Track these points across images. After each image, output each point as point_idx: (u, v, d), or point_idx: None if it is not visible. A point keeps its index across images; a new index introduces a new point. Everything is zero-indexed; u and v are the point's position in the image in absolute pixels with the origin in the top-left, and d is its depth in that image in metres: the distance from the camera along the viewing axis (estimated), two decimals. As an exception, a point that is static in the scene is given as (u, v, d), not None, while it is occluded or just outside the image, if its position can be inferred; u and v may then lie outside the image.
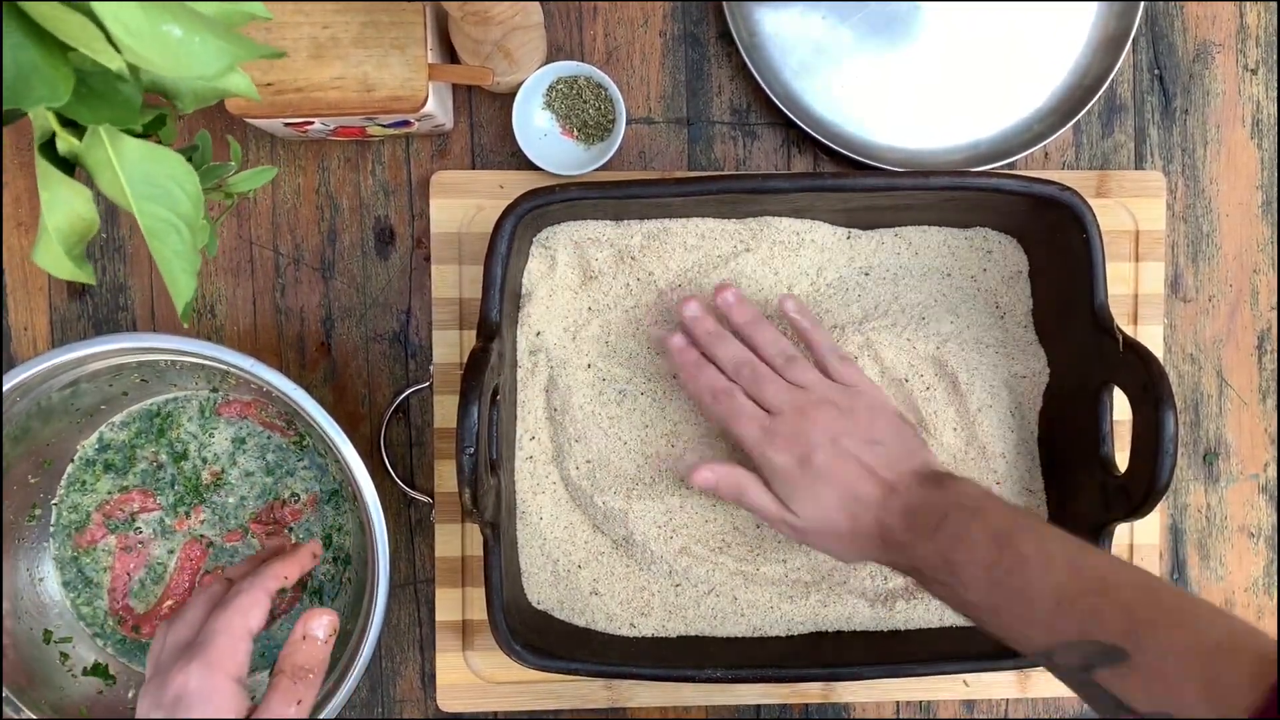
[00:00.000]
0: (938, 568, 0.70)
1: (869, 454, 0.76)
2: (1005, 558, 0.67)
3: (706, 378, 0.81)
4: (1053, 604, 0.64)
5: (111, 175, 0.47)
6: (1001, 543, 0.68)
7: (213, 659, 0.65)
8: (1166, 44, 0.96)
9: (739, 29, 0.90)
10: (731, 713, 0.94)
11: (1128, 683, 0.60)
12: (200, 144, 0.63)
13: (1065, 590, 0.64)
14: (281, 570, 0.72)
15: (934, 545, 0.70)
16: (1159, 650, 0.59)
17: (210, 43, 0.42)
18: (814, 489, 0.76)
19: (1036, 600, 0.65)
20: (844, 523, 0.76)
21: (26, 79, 0.42)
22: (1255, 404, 0.97)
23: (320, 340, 0.93)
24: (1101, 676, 0.61)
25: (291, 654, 0.69)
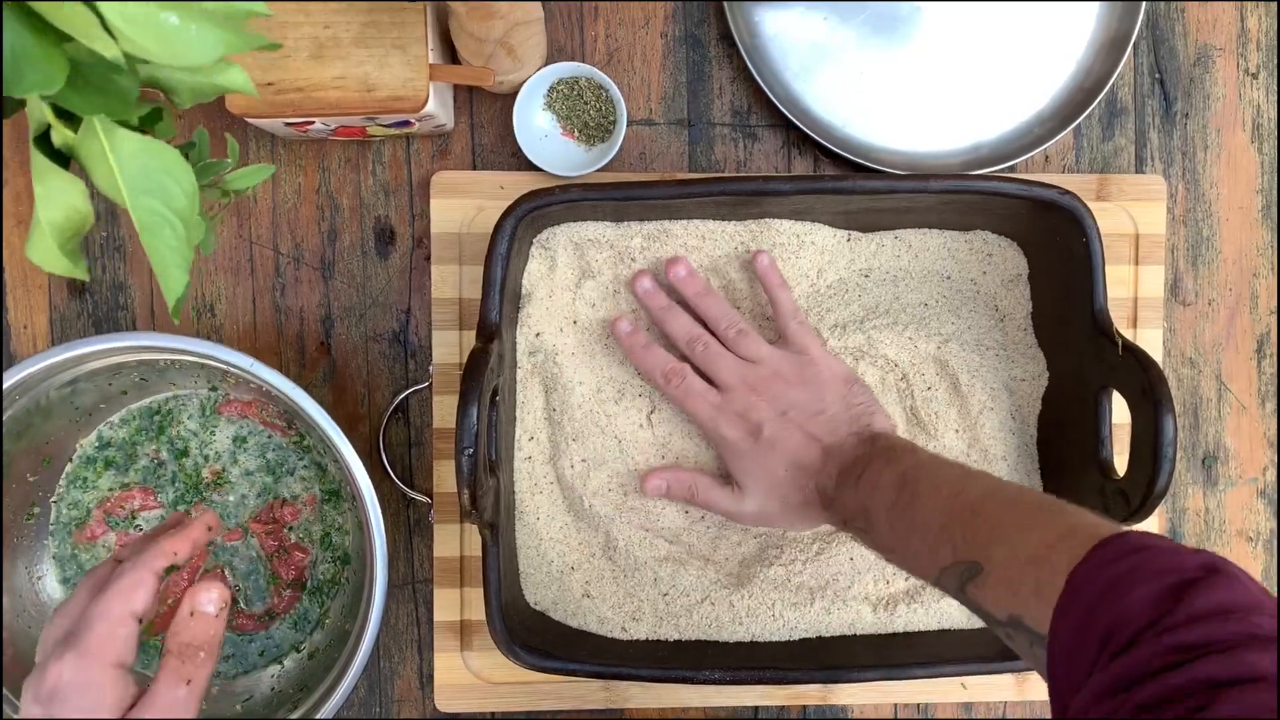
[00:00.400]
0: (856, 514, 0.74)
1: (814, 423, 0.79)
2: (903, 496, 0.70)
3: (656, 358, 0.83)
4: (937, 532, 0.67)
5: (106, 168, 0.47)
6: (902, 483, 0.70)
7: (90, 647, 0.60)
8: (1167, 47, 0.96)
9: (740, 30, 0.90)
10: (729, 714, 0.94)
11: (985, 593, 0.62)
12: (198, 141, 0.63)
13: (945, 518, 0.67)
14: (170, 546, 0.66)
15: (854, 494, 0.74)
16: (1004, 558, 0.61)
17: (207, 31, 0.42)
18: (764, 461, 0.80)
19: (925, 531, 0.68)
20: (793, 493, 0.79)
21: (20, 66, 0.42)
22: (1254, 408, 0.97)
23: (320, 340, 0.93)
24: (970, 592, 0.64)
25: (179, 631, 0.63)
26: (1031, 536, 0.60)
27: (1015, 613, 0.59)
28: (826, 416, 0.80)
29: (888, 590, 0.87)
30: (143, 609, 0.62)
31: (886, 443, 0.77)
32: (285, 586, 0.91)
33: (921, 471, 0.71)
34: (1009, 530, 0.62)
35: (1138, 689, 0.47)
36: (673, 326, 0.83)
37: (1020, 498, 0.66)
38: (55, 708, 0.59)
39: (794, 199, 0.82)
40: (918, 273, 0.88)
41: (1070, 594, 0.54)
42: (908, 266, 0.88)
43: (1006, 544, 0.62)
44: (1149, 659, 0.48)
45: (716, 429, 0.81)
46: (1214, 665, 0.45)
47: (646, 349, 0.83)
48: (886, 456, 0.74)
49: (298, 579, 0.91)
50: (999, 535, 0.63)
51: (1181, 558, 0.53)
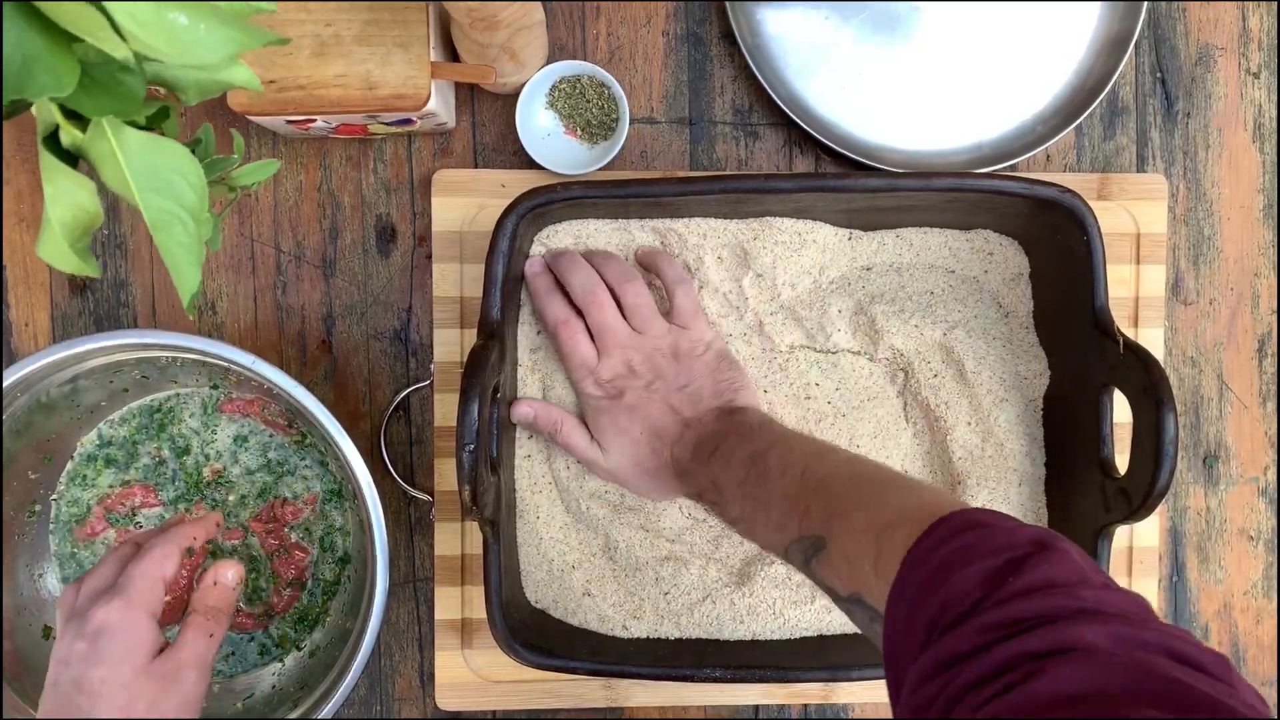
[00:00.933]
0: (708, 488, 0.76)
1: (677, 396, 0.82)
2: (753, 472, 0.71)
3: (555, 306, 0.84)
4: (785, 507, 0.68)
5: (115, 167, 0.47)
6: (754, 459, 0.72)
7: (132, 597, 0.69)
8: (1169, 47, 0.96)
9: (742, 29, 0.90)
10: (730, 713, 0.94)
11: (828, 569, 0.63)
12: (203, 137, 0.63)
13: (792, 493, 0.68)
14: (191, 531, 0.75)
15: (707, 468, 0.76)
16: (846, 534, 0.62)
17: (216, 30, 0.42)
18: (620, 424, 0.82)
19: (773, 506, 0.69)
20: (648, 458, 0.82)
21: (30, 69, 0.42)
22: (1255, 407, 0.97)
23: (321, 338, 0.93)
24: (814, 567, 0.65)
25: (204, 596, 0.74)
26: (874, 513, 0.61)
27: (855, 590, 0.60)
28: (690, 390, 0.82)
29: None
30: (171, 575, 0.72)
31: (744, 418, 0.79)
32: (285, 585, 0.91)
33: (773, 447, 0.72)
34: (852, 506, 0.63)
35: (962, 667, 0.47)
36: (575, 277, 0.83)
37: (867, 473, 0.67)
38: (103, 643, 0.68)
39: (795, 197, 0.82)
40: (920, 268, 0.88)
41: (905, 572, 0.55)
42: (909, 264, 0.88)
43: (849, 520, 0.62)
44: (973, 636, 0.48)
45: (582, 384, 0.83)
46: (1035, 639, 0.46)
47: (549, 293, 0.84)
48: (742, 431, 0.76)
49: (298, 578, 0.91)
50: (843, 511, 0.63)
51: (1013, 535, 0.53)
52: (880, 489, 0.64)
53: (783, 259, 0.86)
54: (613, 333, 0.82)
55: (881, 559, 0.57)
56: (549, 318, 0.83)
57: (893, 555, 0.56)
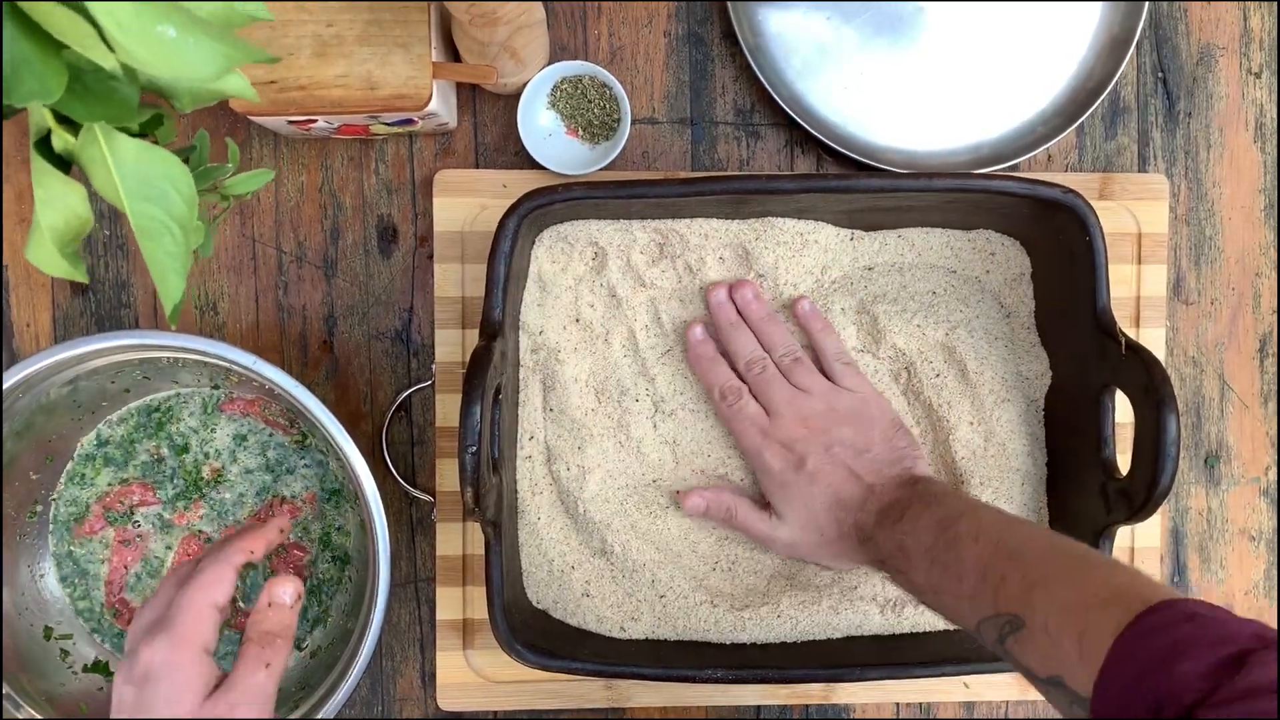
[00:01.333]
0: (893, 554, 0.74)
1: (857, 461, 0.80)
2: (943, 539, 0.70)
3: (718, 375, 0.84)
4: (977, 579, 0.66)
5: (106, 174, 0.47)
6: (943, 526, 0.70)
7: (177, 633, 0.66)
8: (1170, 47, 0.96)
9: (743, 29, 0.90)
10: (731, 713, 0.94)
11: (1026, 648, 0.62)
12: (198, 145, 0.63)
13: (985, 564, 0.66)
14: (246, 544, 0.73)
15: (892, 534, 0.74)
16: (1046, 611, 0.61)
17: (205, 45, 0.42)
18: (804, 493, 0.81)
19: (965, 576, 0.67)
20: (830, 526, 0.80)
21: (19, 74, 0.42)
22: (1257, 407, 0.97)
23: (322, 338, 0.93)
24: (1010, 646, 0.63)
25: (259, 621, 0.70)
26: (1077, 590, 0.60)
27: (1056, 673, 0.59)
28: (871, 456, 0.81)
29: (896, 591, 0.87)
30: (223, 600, 0.69)
31: (928, 487, 0.77)
32: (285, 585, 0.91)
33: (963, 516, 0.71)
34: (1050, 581, 0.62)
35: None
36: (737, 344, 0.84)
37: (1065, 547, 0.66)
38: (149, 688, 0.65)
39: (797, 198, 0.82)
40: (922, 268, 0.88)
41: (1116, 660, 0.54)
42: (911, 264, 0.88)
43: (1049, 594, 0.61)
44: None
45: (761, 456, 0.82)
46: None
47: (713, 361, 0.85)
48: (927, 500, 0.74)
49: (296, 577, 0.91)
50: (1040, 585, 0.62)
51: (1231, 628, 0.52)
52: (1080, 564, 0.63)
53: (785, 259, 0.86)
54: (782, 395, 0.82)
55: (1086, 644, 0.56)
56: (716, 385, 0.84)
57: (1098, 640, 0.55)
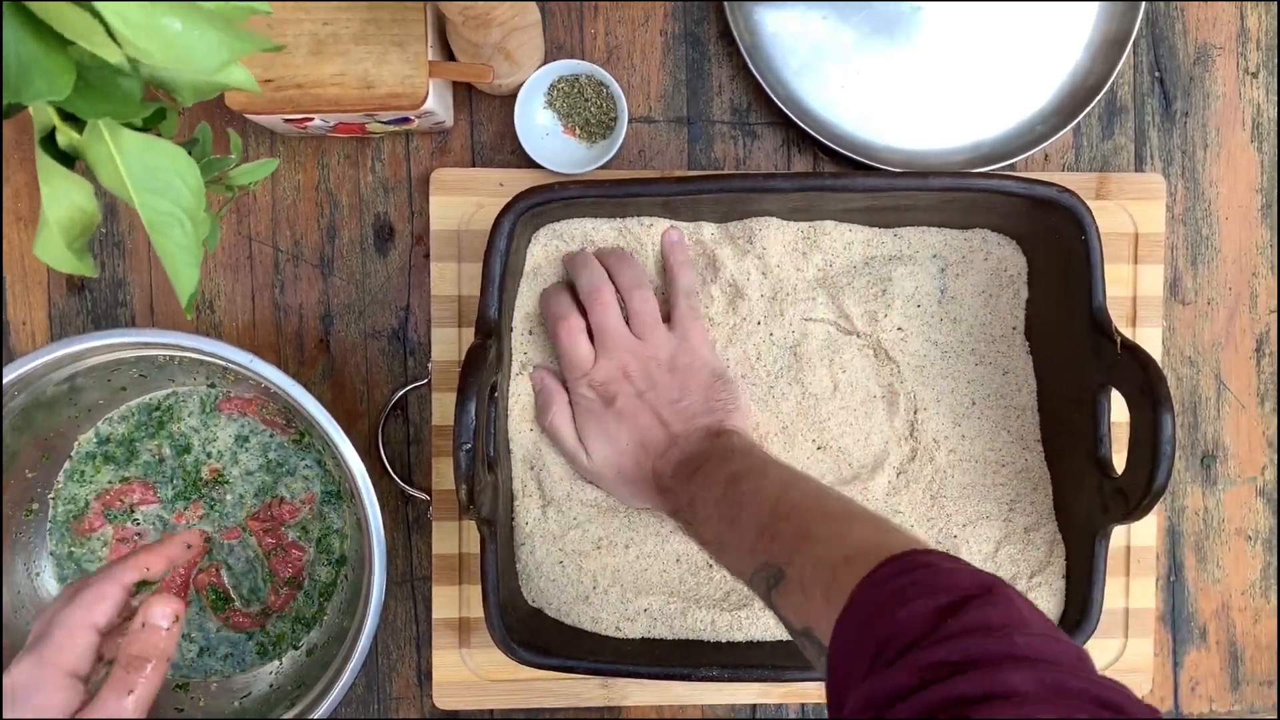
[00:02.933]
0: (685, 507, 0.76)
1: (668, 409, 0.81)
2: (729, 495, 0.71)
3: (556, 300, 0.84)
4: (754, 534, 0.68)
5: (112, 169, 0.47)
6: (730, 482, 0.72)
7: (45, 654, 0.63)
8: (1167, 46, 0.96)
9: (740, 28, 0.90)
10: (727, 712, 0.94)
11: (785, 601, 0.63)
12: (201, 137, 0.63)
13: (762, 520, 0.68)
14: (143, 560, 0.68)
15: (686, 488, 0.76)
16: (803, 564, 0.62)
17: (210, 36, 0.42)
18: (608, 430, 0.82)
19: (744, 532, 0.69)
20: (630, 466, 0.82)
21: (27, 72, 0.42)
22: (1253, 407, 0.97)
23: (319, 337, 0.93)
24: (774, 599, 0.65)
25: (129, 643, 0.64)
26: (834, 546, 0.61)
27: (807, 623, 0.60)
28: (683, 405, 0.82)
29: None
30: (104, 620, 0.65)
31: (728, 441, 0.78)
32: (282, 584, 0.91)
33: (750, 473, 0.72)
34: (813, 538, 0.63)
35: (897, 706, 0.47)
36: (583, 276, 0.84)
37: (835, 508, 0.67)
38: (8, 707, 0.61)
39: (793, 196, 0.82)
40: (918, 267, 0.88)
41: (851, 607, 0.55)
42: (907, 263, 0.88)
43: (808, 553, 0.62)
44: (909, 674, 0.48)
45: (577, 385, 0.83)
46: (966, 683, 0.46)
47: (557, 288, 0.85)
48: (724, 454, 0.76)
49: (294, 577, 0.91)
50: (803, 543, 0.63)
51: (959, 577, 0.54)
52: (844, 523, 0.64)
53: (779, 257, 0.86)
54: (612, 335, 0.82)
55: (834, 591, 0.57)
56: (551, 312, 0.83)
57: (843, 588, 0.56)
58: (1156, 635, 0.96)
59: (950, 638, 0.49)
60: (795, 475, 0.73)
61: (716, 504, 0.72)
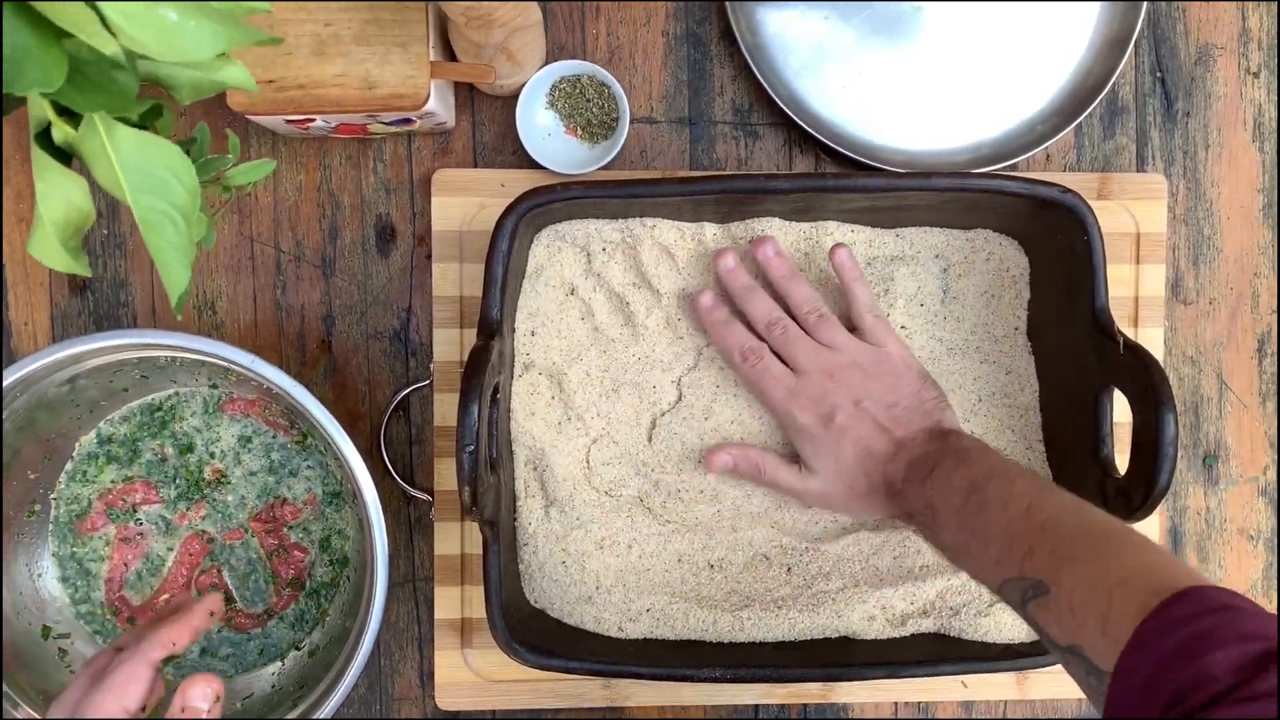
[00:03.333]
0: (922, 511, 0.75)
1: (886, 414, 0.80)
2: (973, 501, 0.70)
3: (735, 336, 0.83)
4: (1005, 543, 0.67)
5: (107, 165, 0.47)
6: (973, 487, 0.71)
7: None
8: (1168, 46, 0.96)
9: (741, 29, 0.90)
10: (730, 712, 0.94)
11: (1048, 615, 0.62)
12: (198, 137, 0.63)
13: (1014, 530, 0.67)
14: (169, 636, 0.66)
15: (922, 490, 0.74)
16: (1073, 584, 0.61)
17: (205, 27, 0.42)
18: (834, 447, 0.81)
19: (992, 540, 0.68)
20: (860, 479, 0.80)
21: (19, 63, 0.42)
22: (1255, 407, 0.97)
23: (321, 338, 0.93)
24: (1032, 610, 0.64)
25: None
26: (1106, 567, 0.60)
27: (1076, 642, 0.59)
28: (900, 409, 0.80)
29: (902, 604, 0.87)
30: (136, 705, 0.63)
31: (959, 442, 0.77)
32: (284, 585, 0.91)
33: (994, 478, 0.71)
34: (1081, 555, 0.62)
35: None
36: (754, 307, 0.83)
37: (1096, 523, 0.66)
38: None
39: (796, 197, 0.82)
40: (920, 267, 0.88)
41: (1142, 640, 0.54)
42: (909, 263, 0.88)
43: (1076, 570, 0.61)
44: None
45: (790, 412, 0.82)
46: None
47: (727, 325, 0.84)
48: (959, 456, 0.74)
49: (297, 578, 0.91)
50: (1068, 558, 0.62)
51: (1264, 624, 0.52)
52: (1111, 542, 0.63)
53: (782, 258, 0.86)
54: (805, 353, 0.81)
55: (1111, 617, 0.56)
56: (732, 349, 0.83)
57: (1125, 616, 0.55)
58: (1159, 635, 0.96)
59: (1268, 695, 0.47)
60: (1043, 482, 0.72)
61: (958, 510, 0.71)
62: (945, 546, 0.74)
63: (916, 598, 0.86)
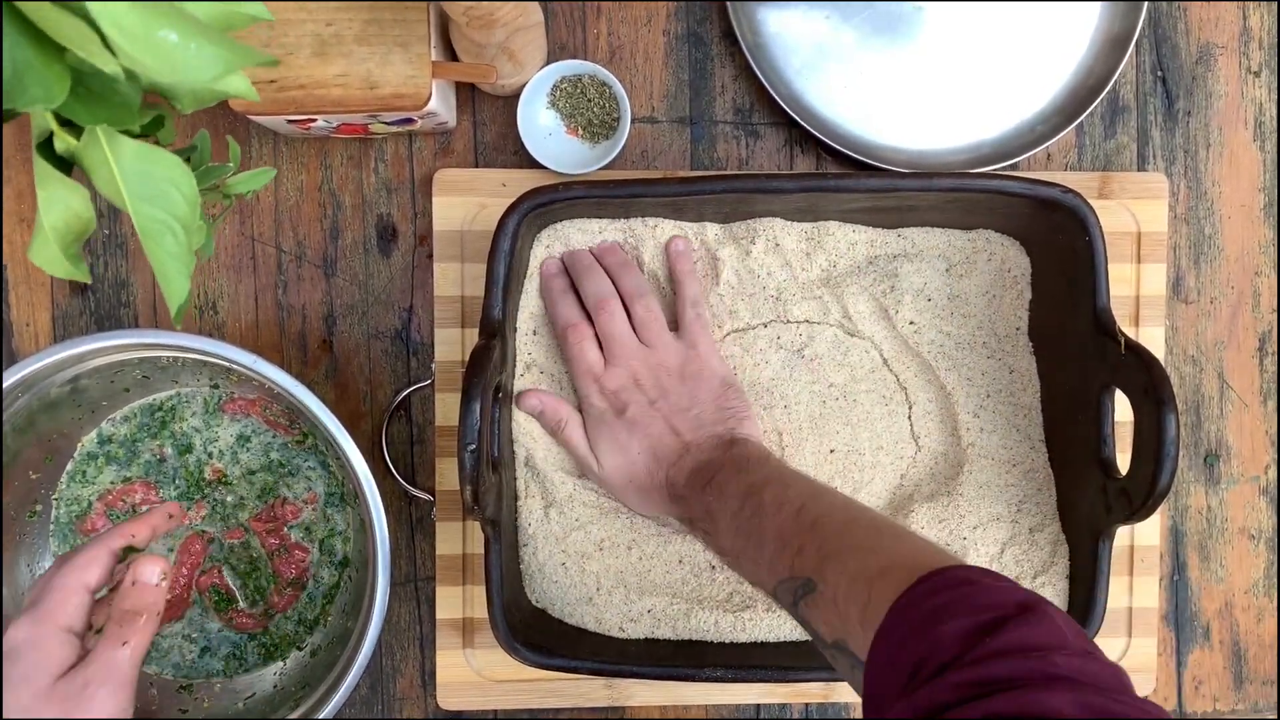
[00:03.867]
0: (702, 518, 0.76)
1: (679, 417, 0.81)
2: (748, 506, 0.71)
3: (567, 308, 0.84)
4: (777, 544, 0.68)
5: (108, 175, 0.47)
6: (749, 492, 0.72)
7: (42, 612, 0.65)
8: (1169, 46, 0.96)
9: (742, 28, 0.90)
10: (731, 712, 0.95)
11: (816, 613, 0.63)
12: (199, 144, 0.63)
13: (785, 532, 0.68)
14: (129, 529, 0.71)
15: (701, 497, 0.76)
16: (837, 578, 0.62)
17: (206, 49, 0.42)
18: (620, 439, 0.82)
19: (765, 543, 0.69)
20: (642, 475, 0.82)
21: (22, 79, 0.42)
22: (1256, 406, 0.97)
23: (322, 338, 0.93)
24: (802, 610, 0.65)
25: (121, 599, 0.67)
26: (867, 559, 0.61)
27: (840, 636, 0.60)
28: (694, 414, 0.82)
29: None
30: (95, 582, 0.67)
31: (742, 450, 0.78)
32: (285, 585, 0.91)
33: (770, 483, 0.72)
34: (846, 550, 0.63)
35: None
36: (589, 284, 0.84)
37: (863, 519, 0.67)
38: (9, 665, 0.64)
39: (797, 197, 0.82)
40: (922, 266, 0.88)
41: (890, 622, 0.55)
42: (911, 263, 0.88)
43: (842, 563, 0.62)
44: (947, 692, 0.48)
45: (588, 395, 0.83)
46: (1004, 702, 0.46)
47: (563, 295, 0.85)
48: (739, 464, 0.76)
49: (298, 578, 0.91)
50: (834, 555, 0.63)
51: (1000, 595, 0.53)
52: (874, 535, 0.64)
53: (783, 258, 0.86)
54: (621, 343, 0.82)
55: (870, 606, 0.57)
56: (559, 320, 0.84)
57: (881, 602, 0.56)
58: (1160, 634, 0.96)
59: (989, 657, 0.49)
60: (817, 486, 0.73)
61: (735, 515, 0.72)
62: (724, 551, 0.75)
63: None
